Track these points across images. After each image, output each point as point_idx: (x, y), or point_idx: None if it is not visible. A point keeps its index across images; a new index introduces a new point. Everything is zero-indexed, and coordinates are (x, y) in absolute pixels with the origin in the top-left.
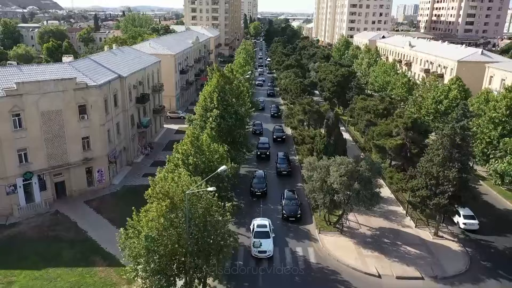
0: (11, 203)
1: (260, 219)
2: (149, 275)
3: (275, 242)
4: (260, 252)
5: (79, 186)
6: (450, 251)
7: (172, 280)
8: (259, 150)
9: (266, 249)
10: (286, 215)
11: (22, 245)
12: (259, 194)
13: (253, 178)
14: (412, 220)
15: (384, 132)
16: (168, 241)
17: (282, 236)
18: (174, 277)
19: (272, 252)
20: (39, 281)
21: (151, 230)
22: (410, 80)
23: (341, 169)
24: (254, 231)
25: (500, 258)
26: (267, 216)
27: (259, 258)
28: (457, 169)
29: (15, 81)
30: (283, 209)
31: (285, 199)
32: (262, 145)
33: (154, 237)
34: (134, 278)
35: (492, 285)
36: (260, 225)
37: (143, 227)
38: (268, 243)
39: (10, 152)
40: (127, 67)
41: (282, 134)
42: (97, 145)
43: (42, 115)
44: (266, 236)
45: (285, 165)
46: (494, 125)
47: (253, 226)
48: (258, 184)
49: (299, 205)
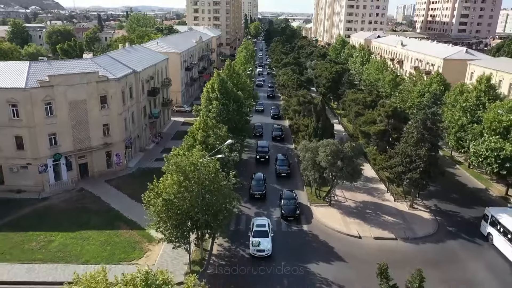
0: (43, 180)
1: (260, 218)
2: (168, 228)
3: (273, 241)
4: (259, 251)
5: (99, 168)
6: (422, 219)
7: (186, 234)
8: (258, 154)
9: (264, 248)
10: (285, 214)
11: (56, 214)
12: (258, 197)
13: (252, 180)
14: (392, 195)
15: (369, 120)
16: (182, 202)
17: (279, 208)
18: (188, 231)
19: (270, 251)
20: (74, 240)
21: (168, 195)
22: (398, 77)
23: (327, 150)
24: (253, 230)
25: (463, 225)
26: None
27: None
28: (427, 148)
29: (47, 74)
30: (281, 209)
31: (284, 198)
32: (261, 148)
33: (171, 200)
34: (156, 231)
35: (452, 244)
36: (259, 225)
37: (161, 192)
38: (266, 242)
39: (42, 136)
40: (140, 63)
41: (281, 133)
42: (116, 132)
43: (69, 104)
44: (265, 236)
45: (284, 167)
46: (465, 113)
47: (252, 226)
48: (257, 186)
49: (297, 205)
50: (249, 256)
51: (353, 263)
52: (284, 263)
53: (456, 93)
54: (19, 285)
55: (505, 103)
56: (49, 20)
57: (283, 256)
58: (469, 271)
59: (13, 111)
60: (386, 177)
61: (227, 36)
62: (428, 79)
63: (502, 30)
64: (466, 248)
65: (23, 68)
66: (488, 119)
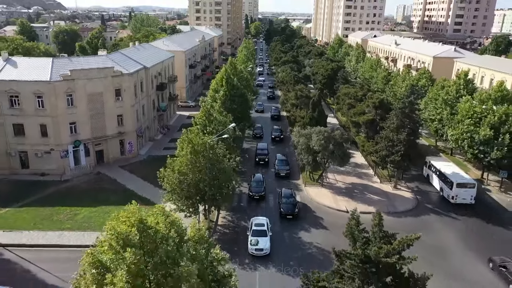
0: (64, 164)
1: (258, 218)
2: (180, 199)
3: (272, 240)
4: (257, 250)
5: (114, 154)
6: (403, 198)
7: (196, 205)
8: (258, 157)
9: (262, 247)
10: (283, 213)
11: (78, 193)
12: (257, 198)
13: (251, 181)
14: (378, 177)
15: (359, 111)
16: (192, 175)
17: (276, 186)
18: (197, 203)
19: (268, 251)
20: (97, 213)
21: (181, 167)
22: (390, 74)
23: (320, 135)
24: (252, 229)
25: (440, 202)
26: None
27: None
28: (406, 133)
29: (69, 69)
30: (280, 207)
31: (283, 197)
32: (261, 151)
33: (184, 172)
34: (170, 201)
35: (428, 217)
36: (258, 224)
37: (174, 167)
38: (264, 241)
39: (64, 124)
40: (149, 60)
41: (280, 133)
42: (128, 122)
43: (88, 96)
44: (264, 235)
45: (283, 167)
46: (446, 105)
47: (251, 225)
48: (256, 188)
49: (296, 204)
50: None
51: (339, 231)
52: (280, 229)
53: (438, 88)
54: (53, 247)
55: (477, 95)
56: (52, 20)
57: (279, 225)
58: (441, 237)
59: (39, 102)
60: (373, 161)
61: (228, 36)
62: (416, 74)
63: (499, 30)
64: (440, 220)
65: (47, 63)
66: (463, 109)
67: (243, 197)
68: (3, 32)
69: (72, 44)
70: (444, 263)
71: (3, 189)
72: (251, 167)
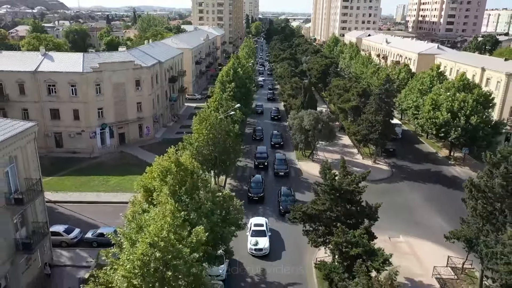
0: (92, 144)
1: (258, 218)
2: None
3: (271, 240)
4: (257, 250)
5: (134, 137)
6: (381, 170)
7: (209, 169)
8: (257, 160)
9: (262, 247)
10: (283, 210)
11: (106, 167)
12: (256, 199)
13: (250, 182)
14: (361, 154)
15: (345, 99)
16: (207, 146)
17: (275, 185)
18: (209, 168)
19: (268, 250)
20: (125, 180)
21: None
22: (379, 69)
23: (310, 116)
24: (251, 229)
25: (411, 173)
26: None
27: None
28: (382, 114)
29: (98, 62)
30: (279, 205)
31: (282, 195)
32: (260, 154)
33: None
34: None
35: (399, 184)
36: (257, 224)
37: (191, 141)
38: (264, 241)
39: (93, 109)
40: (162, 56)
41: (280, 140)
42: (146, 109)
43: (113, 86)
44: (263, 235)
45: (282, 166)
46: (421, 94)
47: (250, 225)
48: (255, 189)
49: (294, 202)
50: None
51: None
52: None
53: (416, 80)
54: (93, 203)
55: (444, 84)
56: (57, 20)
57: (277, 187)
58: (407, 198)
59: (72, 90)
60: (356, 139)
61: (230, 35)
62: (397, 69)
63: (494, 29)
64: (409, 186)
65: (79, 57)
66: (429, 98)
67: (246, 169)
68: (16, 31)
69: (81, 43)
70: (407, 215)
71: (45, 163)
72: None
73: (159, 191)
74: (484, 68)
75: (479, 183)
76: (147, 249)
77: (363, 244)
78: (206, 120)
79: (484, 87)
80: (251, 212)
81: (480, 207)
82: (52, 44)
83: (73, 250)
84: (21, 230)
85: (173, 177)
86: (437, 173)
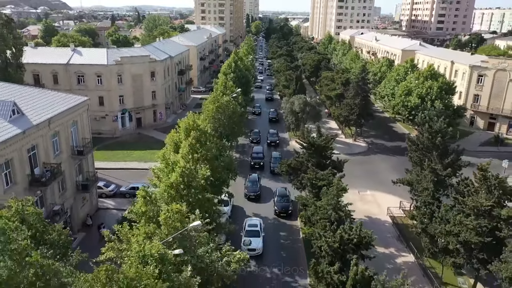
0: (115, 126)
1: (252, 219)
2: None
3: (265, 240)
4: (250, 250)
5: (149, 121)
6: (359, 146)
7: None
8: (253, 160)
9: (255, 247)
10: (278, 211)
11: (128, 144)
12: (253, 198)
13: (246, 181)
14: (343, 134)
15: (331, 88)
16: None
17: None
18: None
19: (261, 251)
20: (146, 153)
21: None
22: (366, 64)
23: (300, 100)
24: (245, 230)
25: (384, 149)
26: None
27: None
28: (359, 98)
29: (120, 56)
30: (275, 205)
31: (278, 196)
32: (256, 154)
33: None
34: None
35: (373, 156)
36: (251, 225)
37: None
38: (257, 242)
39: (115, 97)
40: (172, 51)
41: (277, 138)
42: (159, 97)
43: (132, 77)
44: (257, 235)
45: (278, 164)
46: (397, 83)
47: (244, 225)
48: (251, 187)
49: (290, 202)
50: (250, 159)
51: None
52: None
53: (394, 71)
54: (122, 169)
55: (415, 73)
56: (61, 20)
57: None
58: (378, 166)
59: (98, 80)
60: (339, 121)
61: (230, 34)
62: (379, 63)
63: (487, 28)
64: (381, 158)
65: (103, 52)
66: (403, 85)
67: (245, 146)
68: (28, 31)
69: (90, 42)
70: (375, 178)
71: None
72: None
73: (184, 143)
74: (453, 61)
75: (414, 138)
76: (178, 177)
77: (327, 179)
78: (217, 101)
79: (453, 78)
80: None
81: (415, 157)
82: (78, 41)
83: (112, 199)
84: (79, 175)
85: (194, 133)
86: (406, 148)
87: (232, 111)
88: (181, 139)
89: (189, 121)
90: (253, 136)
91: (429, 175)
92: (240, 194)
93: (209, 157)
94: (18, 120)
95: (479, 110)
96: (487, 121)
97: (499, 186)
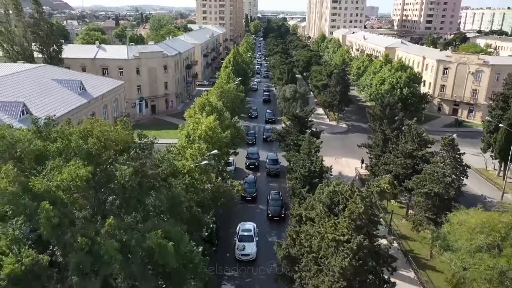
0: (133, 112)
1: (246, 223)
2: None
3: (258, 244)
4: (243, 255)
5: (162, 108)
6: (341, 127)
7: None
8: (248, 161)
9: (249, 252)
10: (270, 215)
11: (145, 126)
12: (249, 199)
13: (244, 183)
14: (328, 118)
15: (319, 79)
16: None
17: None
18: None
19: (255, 255)
20: (162, 132)
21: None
22: (351, 60)
23: (291, 89)
24: (239, 234)
25: (361, 129)
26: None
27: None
28: (340, 86)
29: (138, 52)
30: (268, 209)
31: (270, 200)
32: (251, 155)
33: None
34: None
35: (351, 135)
36: (245, 229)
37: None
38: (251, 246)
39: (134, 86)
40: (180, 48)
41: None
42: (171, 87)
43: (148, 70)
44: (250, 240)
45: (274, 166)
46: (374, 75)
47: (238, 230)
48: (248, 189)
49: (283, 206)
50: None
51: None
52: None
53: (372, 65)
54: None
55: (388, 66)
56: (65, 20)
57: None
58: (354, 141)
59: (120, 72)
60: (324, 107)
61: (230, 33)
62: (362, 59)
63: (478, 27)
64: (358, 136)
65: (123, 48)
66: (378, 76)
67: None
68: None
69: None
70: (350, 149)
71: None
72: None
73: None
74: (424, 56)
75: (372, 112)
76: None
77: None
78: (221, 87)
79: (425, 71)
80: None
81: (373, 125)
82: (100, 39)
83: None
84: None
85: (207, 107)
86: None
87: (234, 95)
88: (196, 112)
89: (203, 99)
90: (249, 137)
91: (379, 135)
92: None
93: (226, 125)
94: (84, 94)
95: (444, 98)
96: (451, 107)
97: (418, 137)
